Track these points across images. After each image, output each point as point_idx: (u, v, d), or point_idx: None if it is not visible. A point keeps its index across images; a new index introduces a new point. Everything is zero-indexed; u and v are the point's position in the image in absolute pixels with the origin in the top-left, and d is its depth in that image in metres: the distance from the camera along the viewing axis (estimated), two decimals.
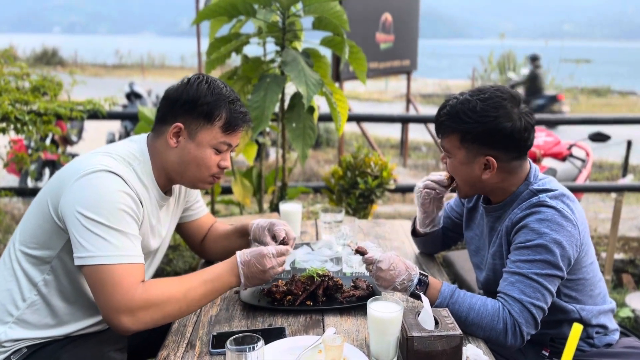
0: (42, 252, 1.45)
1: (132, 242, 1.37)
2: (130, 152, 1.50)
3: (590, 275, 1.60)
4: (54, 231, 1.42)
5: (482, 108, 1.50)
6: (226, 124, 1.51)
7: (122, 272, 1.31)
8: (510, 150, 1.53)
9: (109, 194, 1.35)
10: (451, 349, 1.29)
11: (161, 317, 1.35)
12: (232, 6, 2.49)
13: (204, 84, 1.50)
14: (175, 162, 1.51)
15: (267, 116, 2.42)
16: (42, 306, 1.47)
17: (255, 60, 2.72)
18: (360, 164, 3.30)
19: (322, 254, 1.91)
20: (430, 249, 2.00)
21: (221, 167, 1.56)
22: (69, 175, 1.40)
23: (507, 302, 1.44)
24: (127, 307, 1.30)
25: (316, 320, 1.52)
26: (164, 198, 1.58)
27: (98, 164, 1.39)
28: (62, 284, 1.47)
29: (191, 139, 1.50)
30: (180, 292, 1.37)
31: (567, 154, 4.47)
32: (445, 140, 1.58)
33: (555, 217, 1.47)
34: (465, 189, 1.64)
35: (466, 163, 1.56)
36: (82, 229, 1.32)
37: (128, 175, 1.42)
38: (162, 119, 1.53)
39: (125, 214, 1.37)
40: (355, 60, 2.70)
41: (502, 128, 1.49)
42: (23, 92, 3.19)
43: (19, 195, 3.68)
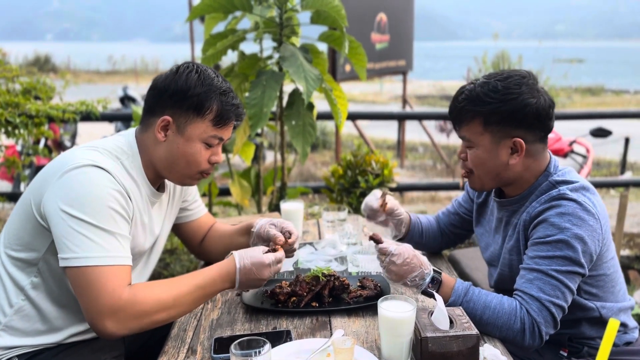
0: (27, 254, 1.37)
1: (120, 242, 1.28)
2: (118, 145, 1.42)
3: (611, 270, 1.53)
4: (37, 231, 1.34)
5: (504, 86, 1.43)
6: (217, 116, 1.41)
7: (107, 274, 1.23)
8: (536, 129, 1.45)
9: (96, 190, 1.27)
10: (467, 349, 1.22)
11: (148, 323, 1.26)
12: (228, 1, 2.42)
13: (194, 73, 1.40)
14: (163, 157, 1.43)
15: (265, 113, 2.35)
16: (31, 311, 1.39)
17: (252, 56, 2.65)
18: (360, 162, 3.23)
19: (326, 254, 1.84)
20: (427, 249, 1.91)
21: (212, 163, 1.47)
22: (53, 171, 1.32)
23: (525, 301, 1.37)
24: (111, 310, 1.21)
25: (323, 322, 1.45)
26: (155, 194, 1.49)
27: (84, 159, 1.30)
28: (51, 287, 1.39)
29: (180, 133, 1.41)
30: (169, 297, 1.28)
31: (568, 150, 4.42)
32: (465, 128, 1.49)
33: (576, 211, 1.39)
34: (486, 181, 1.53)
35: (492, 149, 1.47)
36: (66, 228, 1.24)
37: (116, 170, 1.34)
38: (150, 110, 1.44)
39: (113, 212, 1.28)
40: (355, 55, 2.63)
41: (527, 104, 1.41)
42: (14, 94, 3.12)
43: (11, 200, 3.59)
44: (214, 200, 3.34)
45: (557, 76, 19.50)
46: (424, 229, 1.86)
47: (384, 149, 10.23)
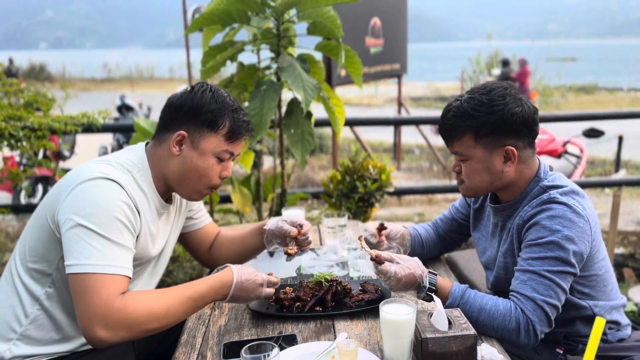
0: (41, 265, 1.42)
1: (122, 252, 1.34)
2: (129, 159, 1.48)
3: (603, 270, 1.59)
4: (51, 242, 1.40)
5: (489, 99, 1.49)
6: (230, 132, 1.50)
7: (103, 282, 1.28)
8: (524, 136, 1.52)
9: (105, 202, 1.33)
10: (466, 349, 1.27)
11: (139, 332, 1.31)
12: (226, 14, 2.48)
13: (208, 92, 1.50)
14: (176, 170, 1.50)
15: (265, 123, 2.41)
16: (45, 320, 1.44)
17: (251, 67, 2.71)
18: (358, 167, 3.29)
19: (328, 259, 1.90)
20: (427, 256, 1.97)
21: (222, 177, 1.55)
22: (66, 183, 1.38)
23: (520, 301, 1.43)
24: (102, 318, 1.26)
25: (327, 325, 1.50)
26: (164, 206, 1.55)
27: (96, 172, 1.37)
28: (64, 297, 1.44)
29: (194, 148, 1.48)
30: (161, 308, 1.33)
31: (562, 151, 4.49)
32: (458, 143, 1.55)
33: (566, 214, 1.46)
34: (480, 189, 1.60)
35: (485, 160, 1.53)
36: (74, 237, 1.30)
37: (127, 183, 1.40)
38: (165, 126, 1.51)
39: (120, 223, 1.34)
40: (351, 64, 2.70)
41: (514, 113, 1.48)
42: (16, 107, 3.16)
43: (14, 212, 3.63)
44: (215, 207, 3.40)
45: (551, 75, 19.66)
46: (424, 240, 1.92)
47: (381, 151, 10.30)
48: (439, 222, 1.98)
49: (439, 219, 1.99)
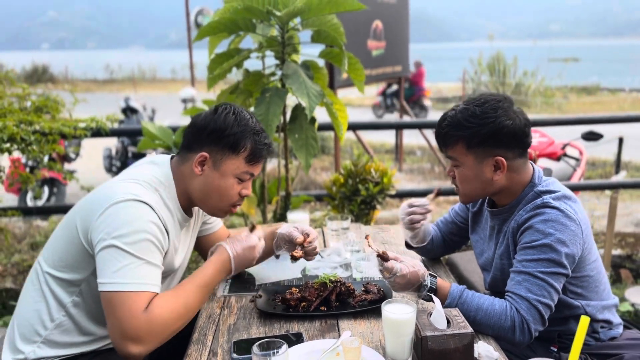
0: (71, 275, 1.49)
1: (153, 270, 1.41)
2: (155, 176, 1.54)
3: (595, 272, 1.66)
4: (83, 256, 1.46)
5: (482, 111, 1.57)
6: (250, 154, 1.55)
7: (133, 299, 1.34)
8: (514, 147, 1.59)
9: (137, 223, 1.39)
10: (463, 346, 1.35)
11: (167, 335, 1.39)
12: (233, 22, 2.56)
13: (231, 115, 1.54)
14: (199, 189, 1.56)
15: (272, 128, 2.48)
16: (70, 326, 1.51)
17: (256, 74, 2.78)
18: (360, 171, 3.37)
19: (332, 261, 1.97)
20: (431, 255, 2.06)
21: (242, 196, 1.61)
22: (99, 202, 1.43)
23: (515, 300, 1.51)
24: (133, 334, 1.32)
25: (331, 324, 1.58)
26: (186, 219, 1.63)
27: (128, 193, 1.43)
28: (91, 306, 1.51)
29: (215, 169, 1.54)
30: (180, 305, 1.42)
31: (561, 154, 4.55)
32: (451, 150, 1.63)
33: (559, 218, 1.53)
34: (473, 194, 1.68)
35: (476, 168, 1.61)
36: (108, 256, 1.36)
37: (156, 204, 1.46)
38: (188, 146, 1.57)
39: (151, 244, 1.41)
40: (354, 71, 2.77)
41: (504, 126, 1.56)
42: (26, 112, 3.24)
43: (25, 214, 3.71)
44: None
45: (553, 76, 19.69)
46: (434, 238, 2.00)
47: (382, 152, 10.36)
48: (440, 225, 2.05)
49: (439, 221, 2.07)
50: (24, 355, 1.49)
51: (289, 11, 2.48)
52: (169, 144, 3.11)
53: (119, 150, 7.72)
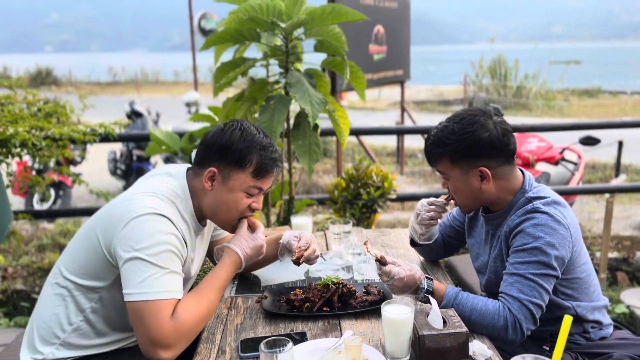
0: (92, 283, 1.56)
1: (176, 278, 1.49)
2: (172, 189, 1.61)
3: (585, 274, 1.74)
4: (105, 266, 1.53)
5: (459, 128, 1.67)
6: (256, 169, 1.60)
7: (159, 307, 1.42)
8: (495, 156, 1.68)
9: (159, 236, 1.47)
10: (459, 344, 1.43)
11: (193, 337, 1.49)
12: (238, 32, 2.64)
13: (238, 131, 1.60)
14: (209, 204, 1.63)
15: (276, 135, 2.57)
16: (87, 330, 1.59)
17: (261, 82, 2.87)
18: (362, 175, 3.45)
19: (334, 264, 2.05)
20: (432, 256, 2.15)
21: (252, 209, 1.68)
22: (120, 216, 1.50)
23: (507, 301, 1.59)
24: (162, 341, 1.41)
25: (333, 324, 1.66)
26: (200, 229, 1.71)
27: (147, 207, 1.49)
28: (109, 313, 1.59)
29: (224, 184, 1.61)
30: (204, 309, 1.51)
31: (559, 158, 4.62)
32: (439, 165, 1.74)
33: (548, 222, 1.61)
34: (469, 204, 1.78)
35: (463, 180, 1.71)
36: (132, 267, 1.44)
37: (174, 216, 1.53)
38: (200, 162, 1.64)
39: (172, 254, 1.49)
40: (355, 79, 2.85)
41: (481, 138, 1.65)
42: (37, 118, 3.33)
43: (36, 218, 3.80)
44: None
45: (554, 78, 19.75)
46: (437, 238, 2.09)
47: (384, 155, 10.44)
48: (440, 227, 2.14)
49: (440, 224, 2.15)
50: (42, 356, 1.57)
51: (293, 22, 2.56)
52: (176, 150, 3.19)
53: (123, 154, 7.81)
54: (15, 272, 3.70)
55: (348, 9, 2.63)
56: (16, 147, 3.12)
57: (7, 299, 3.54)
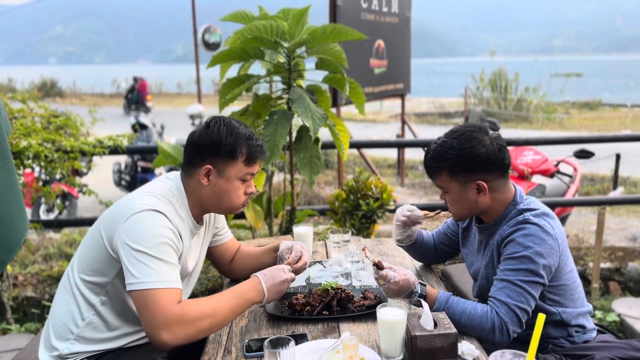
0: (98, 279, 1.69)
1: (173, 270, 1.60)
2: (169, 190, 1.75)
3: (570, 281, 1.85)
4: (108, 260, 1.66)
5: (458, 143, 1.79)
6: (247, 158, 1.76)
7: (162, 295, 1.54)
8: (492, 170, 1.80)
9: (155, 230, 1.59)
10: (448, 345, 1.53)
11: (194, 333, 1.57)
12: (243, 51, 2.78)
13: (223, 127, 1.74)
14: (210, 196, 1.76)
15: (278, 148, 2.70)
16: (99, 323, 1.71)
17: (265, 97, 3.00)
18: (361, 187, 3.57)
19: (334, 271, 2.16)
20: (422, 259, 2.27)
21: (247, 194, 1.82)
22: (120, 214, 1.64)
23: (496, 305, 1.70)
24: (166, 323, 1.52)
25: (332, 327, 1.77)
26: (196, 227, 1.83)
27: (145, 204, 1.63)
28: (116, 305, 1.71)
29: (220, 176, 1.74)
30: (210, 308, 1.60)
31: (554, 171, 4.74)
32: (437, 179, 1.85)
33: (538, 233, 1.73)
34: (463, 214, 1.89)
35: (461, 192, 1.82)
36: (132, 260, 1.56)
37: (170, 213, 1.66)
38: (191, 162, 1.77)
39: (168, 246, 1.61)
40: (355, 95, 2.99)
41: (479, 154, 1.77)
42: (49, 131, 3.47)
43: (46, 227, 3.92)
44: (229, 223, 3.68)
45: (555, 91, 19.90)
46: (424, 242, 2.21)
47: (385, 167, 10.56)
48: (434, 235, 2.26)
49: (434, 232, 2.28)
50: (58, 352, 1.69)
51: (295, 42, 2.70)
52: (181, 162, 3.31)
53: (128, 165, 7.95)
54: (25, 280, 3.82)
55: (348, 29, 2.77)
56: (29, 159, 3.25)
57: (17, 306, 3.65)
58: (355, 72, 6.09)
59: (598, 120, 18.22)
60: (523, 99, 18.88)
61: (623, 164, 7.61)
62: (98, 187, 4.09)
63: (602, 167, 8.80)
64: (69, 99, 28.27)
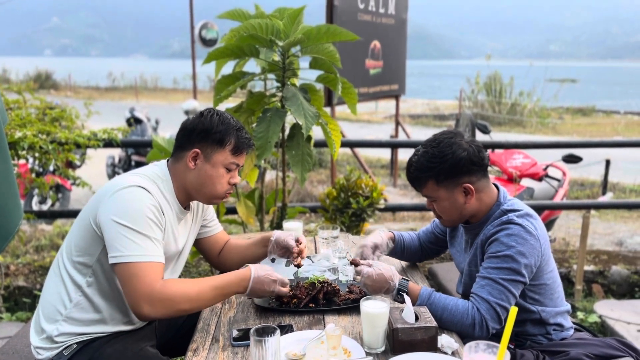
0: (84, 259, 1.74)
1: (155, 244, 1.65)
2: (155, 173, 1.81)
3: (551, 281, 1.92)
4: (93, 239, 1.71)
5: (439, 151, 1.84)
6: (235, 147, 1.82)
7: (145, 268, 1.59)
8: (475, 172, 1.86)
9: (137, 204, 1.65)
10: (428, 338, 1.59)
11: (174, 311, 1.62)
12: (239, 49, 2.83)
13: (215, 116, 1.82)
14: (194, 181, 1.81)
15: (270, 145, 2.74)
16: (86, 304, 1.75)
17: (258, 95, 3.05)
18: (352, 185, 3.62)
19: (321, 265, 2.21)
20: (408, 260, 2.32)
21: (231, 184, 1.88)
22: (105, 191, 1.70)
23: (477, 301, 1.75)
24: (148, 297, 1.57)
25: (318, 319, 1.82)
26: (183, 212, 1.87)
27: (129, 181, 1.69)
28: (102, 284, 1.76)
29: (207, 161, 1.80)
30: (193, 291, 1.65)
31: (543, 174, 4.80)
32: (424, 189, 1.90)
33: (521, 233, 1.79)
34: (454, 219, 1.94)
35: (449, 198, 1.88)
36: (115, 233, 1.61)
37: (153, 190, 1.72)
38: (180, 146, 1.83)
39: (150, 221, 1.66)
40: (347, 94, 3.04)
41: (461, 158, 1.83)
42: (44, 123, 3.50)
43: (39, 218, 3.95)
44: (221, 218, 3.72)
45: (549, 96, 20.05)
46: (406, 246, 2.26)
47: (378, 167, 10.62)
48: (421, 234, 2.32)
49: (422, 231, 2.34)
50: (47, 333, 1.73)
51: (290, 41, 2.75)
52: None
53: (122, 159, 7.97)
54: (17, 270, 3.84)
55: (342, 30, 2.82)
56: (24, 150, 3.28)
57: (9, 295, 3.68)
58: (350, 72, 6.14)
59: (591, 126, 18.38)
60: (517, 103, 19.02)
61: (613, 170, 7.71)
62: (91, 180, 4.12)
63: (592, 173, 8.90)
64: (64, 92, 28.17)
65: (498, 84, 19.20)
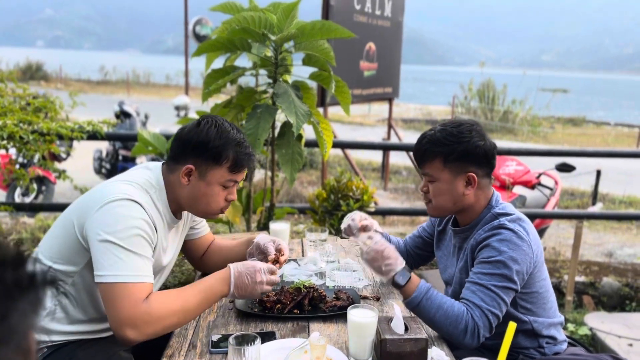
0: (66, 267, 1.62)
1: (145, 263, 1.54)
2: (147, 180, 1.67)
3: (543, 289, 1.84)
4: (78, 249, 1.59)
5: (459, 131, 1.77)
6: (233, 164, 1.68)
7: (131, 290, 1.47)
8: (484, 166, 1.79)
9: (129, 221, 1.52)
10: (418, 350, 1.50)
11: (161, 329, 1.52)
12: (230, 42, 2.73)
13: (213, 128, 1.65)
14: (187, 197, 1.69)
15: (260, 142, 2.65)
16: (61, 316, 1.64)
17: (249, 90, 2.96)
18: (343, 187, 3.54)
19: (308, 269, 2.12)
20: None
21: (228, 201, 1.75)
22: (94, 201, 1.57)
23: (470, 307, 1.67)
24: (131, 321, 1.46)
25: (302, 326, 1.73)
26: (174, 221, 1.76)
27: (120, 193, 1.56)
28: (81, 298, 1.64)
29: (201, 179, 1.67)
30: (177, 304, 1.54)
31: (535, 183, 4.76)
32: (428, 165, 1.81)
33: (512, 238, 1.71)
34: (446, 207, 1.84)
35: (450, 182, 1.79)
36: (103, 250, 1.49)
37: (146, 203, 1.59)
38: (175, 158, 1.70)
39: (142, 239, 1.54)
40: (341, 93, 2.95)
41: (477, 145, 1.76)
42: (26, 112, 3.38)
43: (18, 210, 3.82)
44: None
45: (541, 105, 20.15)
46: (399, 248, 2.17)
47: (369, 170, 10.56)
48: (407, 240, 2.24)
49: (408, 237, 2.26)
50: None
51: (283, 35, 2.66)
52: (162, 151, 3.25)
53: (109, 153, 7.82)
54: None
55: (337, 26, 2.73)
56: (3, 139, 3.16)
57: None
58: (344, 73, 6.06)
59: (581, 136, 18.49)
60: (510, 111, 19.10)
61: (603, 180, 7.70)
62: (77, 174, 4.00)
63: (582, 183, 8.90)
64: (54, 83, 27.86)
65: (491, 91, 19.27)
